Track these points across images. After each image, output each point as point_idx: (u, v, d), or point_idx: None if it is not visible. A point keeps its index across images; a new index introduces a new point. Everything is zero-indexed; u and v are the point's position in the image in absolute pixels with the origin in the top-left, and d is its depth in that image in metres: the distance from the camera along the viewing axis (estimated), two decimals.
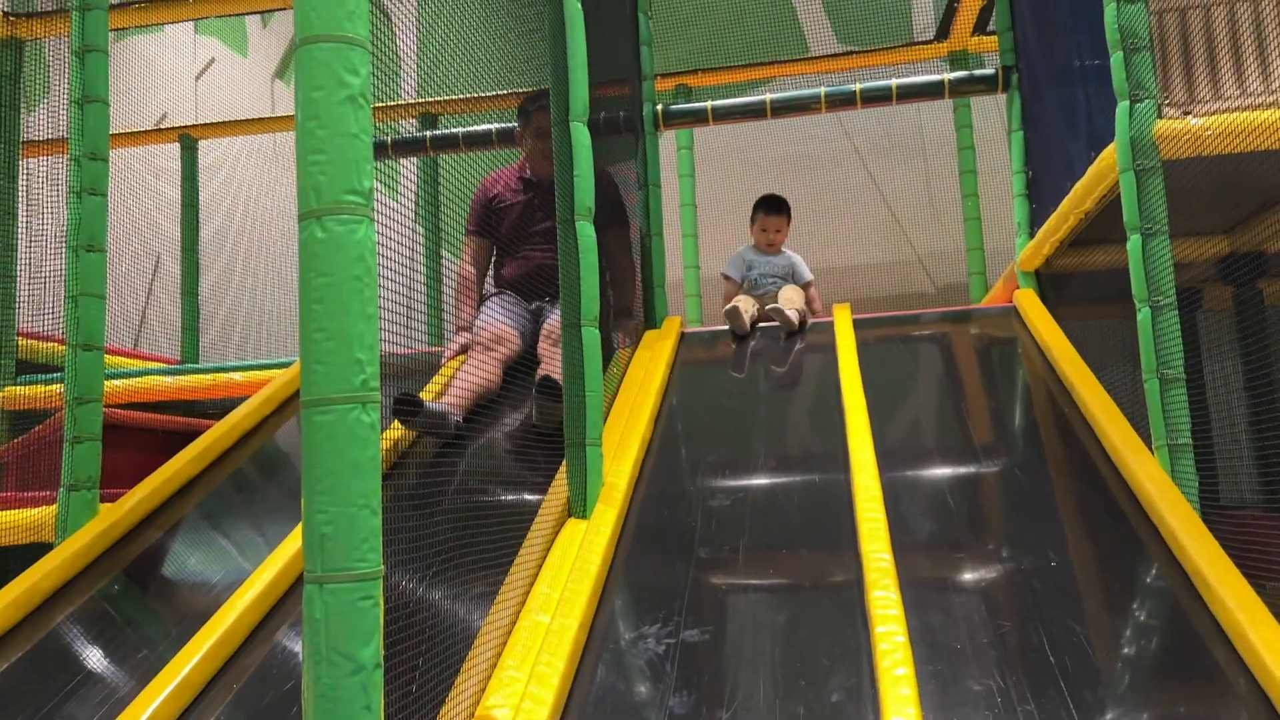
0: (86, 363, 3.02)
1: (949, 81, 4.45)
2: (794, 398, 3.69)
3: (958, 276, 5.74)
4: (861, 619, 2.20)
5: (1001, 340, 3.88)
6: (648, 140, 4.44)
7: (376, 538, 1.32)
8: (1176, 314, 2.62)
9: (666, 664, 2.14)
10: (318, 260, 1.35)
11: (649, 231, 4.37)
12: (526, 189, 3.76)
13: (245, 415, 3.66)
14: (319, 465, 1.32)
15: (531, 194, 3.73)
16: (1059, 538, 2.56)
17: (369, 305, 1.38)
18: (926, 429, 3.29)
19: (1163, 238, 2.64)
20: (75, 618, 2.69)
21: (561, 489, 2.69)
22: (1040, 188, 4.06)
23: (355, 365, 1.35)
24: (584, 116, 2.76)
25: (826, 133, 6.32)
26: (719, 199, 5.87)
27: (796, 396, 3.70)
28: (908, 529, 2.60)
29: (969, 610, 2.28)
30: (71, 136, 3.05)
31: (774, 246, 4.54)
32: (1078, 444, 2.98)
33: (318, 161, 1.36)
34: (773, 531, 2.70)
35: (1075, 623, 2.17)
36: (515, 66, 3.05)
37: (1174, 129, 2.64)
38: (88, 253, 3.01)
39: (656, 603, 2.37)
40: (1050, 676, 1.99)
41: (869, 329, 3.96)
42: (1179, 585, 2.27)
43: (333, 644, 1.26)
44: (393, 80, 1.87)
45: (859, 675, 2.03)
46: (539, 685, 1.95)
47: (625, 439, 3.10)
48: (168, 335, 6.09)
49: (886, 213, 6.33)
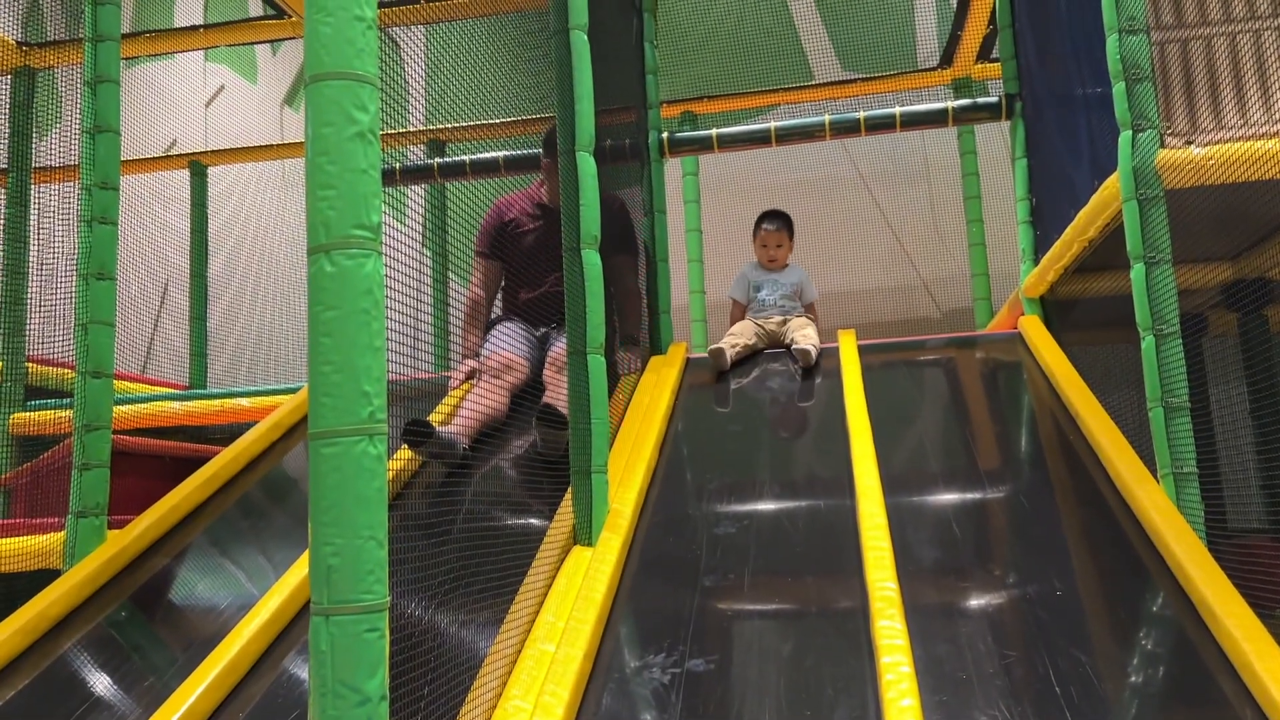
0: (95, 390, 3.04)
1: (953, 109, 4.48)
2: (799, 424, 3.70)
3: (963, 302, 5.75)
4: (867, 648, 2.20)
5: (1006, 366, 3.89)
6: (653, 167, 4.47)
7: (382, 569, 1.33)
8: (1180, 342, 2.62)
9: (672, 694, 2.13)
10: (326, 294, 1.37)
11: (654, 257, 4.39)
12: (543, 215, 3.74)
13: (253, 441, 3.68)
14: (325, 497, 1.33)
15: (546, 220, 3.70)
16: (1064, 566, 2.56)
17: (376, 338, 1.39)
18: (931, 455, 3.29)
19: (1166, 266, 2.65)
20: (82, 644, 2.69)
21: (567, 516, 2.70)
22: (1044, 214, 4.07)
23: (362, 398, 1.36)
24: (590, 146, 2.79)
25: (831, 158, 6.36)
26: (724, 224, 5.89)
27: (802, 422, 3.71)
28: (913, 557, 2.60)
29: (974, 639, 2.28)
30: (83, 165, 3.08)
31: (776, 262, 4.44)
32: (1083, 471, 2.98)
33: (327, 197, 1.38)
34: (778, 559, 2.70)
35: (1081, 652, 2.16)
36: (522, 96, 3.08)
37: (1177, 159, 2.66)
38: (98, 280, 3.04)
39: (662, 631, 2.37)
40: (1056, 707, 1.98)
41: (874, 354, 3.96)
42: (1185, 615, 2.27)
43: (338, 676, 1.27)
44: (401, 107, 1.90)
45: (864, 706, 2.03)
46: (544, 715, 1.95)
47: (630, 466, 3.11)
48: (175, 360, 6.12)
49: (891, 238, 6.35)
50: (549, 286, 3.63)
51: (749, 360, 4.11)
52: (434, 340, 4.81)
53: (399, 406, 2.87)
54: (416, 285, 1.97)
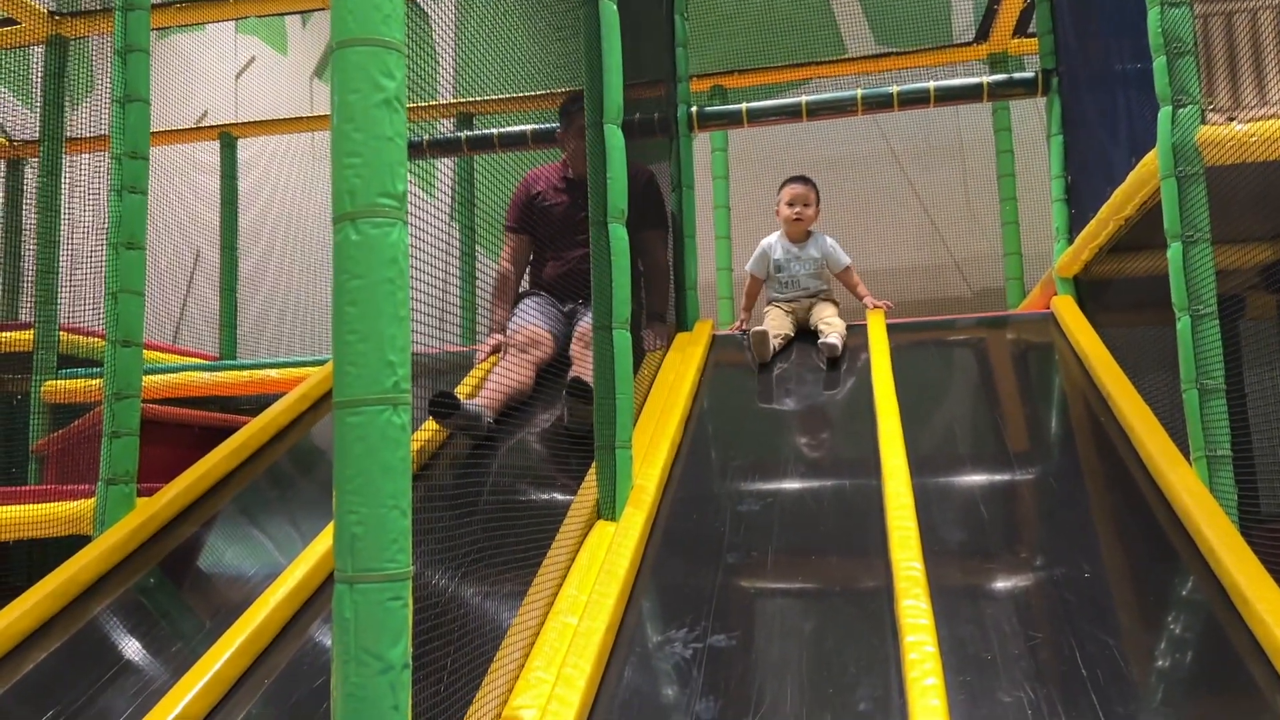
0: (125, 358, 3.06)
1: (988, 84, 4.40)
2: (825, 402, 3.67)
3: (994, 281, 5.68)
4: (891, 628, 2.18)
5: (1038, 347, 3.84)
6: (682, 142, 4.43)
7: (406, 539, 1.33)
8: (1217, 323, 2.57)
9: (693, 669, 2.13)
10: (352, 263, 1.36)
11: (682, 233, 4.37)
12: (569, 189, 3.73)
13: (281, 412, 3.70)
14: (350, 466, 1.33)
15: (573, 194, 3.69)
16: (1093, 549, 2.53)
17: (401, 308, 1.39)
18: (960, 436, 3.26)
19: (1204, 245, 2.60)
20: (112, 610, 2.73)
21: (591, 491, 2.70)
22: (1080, 193, 4.01)
23: (387, 367, 1.36)
24: (618, 119, 2.76)
25: (863, 134, 6.28)
26: (753, 201, 5.85)
27: (828, 401, 3.68)
28: (939, 537, 2.58)
29: (1000, 621, 2.26)
30: (113, 135, 3.09)
31: (801, 222, 4.17)
32: (1114, 454, 2.94)
33: (353, 165, 1.37)
34: (801, 537, 2.69)
35: (1108, 635, 2.14)
36: (550, 68, 3.06)
37: (1218, 135, 2.60)
38: (128, 250, 3.06)
39: (684, 607, 2.37)
40: (1082, 689, 1.96)
41: (903, 334, 3.92)
42: (1215, 599, 2.24)
43: (362, 643, 1.27)
44: (429, 80, 1.88)
45: (887, 685, 2.02)
46: (566, 687, 1.95)
47: (655, 442, 3.10)
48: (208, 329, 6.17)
49: (923, 216, 6.28)
50: (576, 262, 3.60)
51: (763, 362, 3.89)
52: (461, 314, 4.82)
53: (426, 380, 2.88)
54: (444, 258, 1.98)
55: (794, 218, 4.17)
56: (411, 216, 1.47)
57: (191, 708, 2.11)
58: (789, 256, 4.21)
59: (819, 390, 3.74)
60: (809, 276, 4.17)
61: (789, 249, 4.22)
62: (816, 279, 4.19)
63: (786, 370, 3.85)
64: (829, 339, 3.75)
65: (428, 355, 2.18)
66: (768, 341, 3.78)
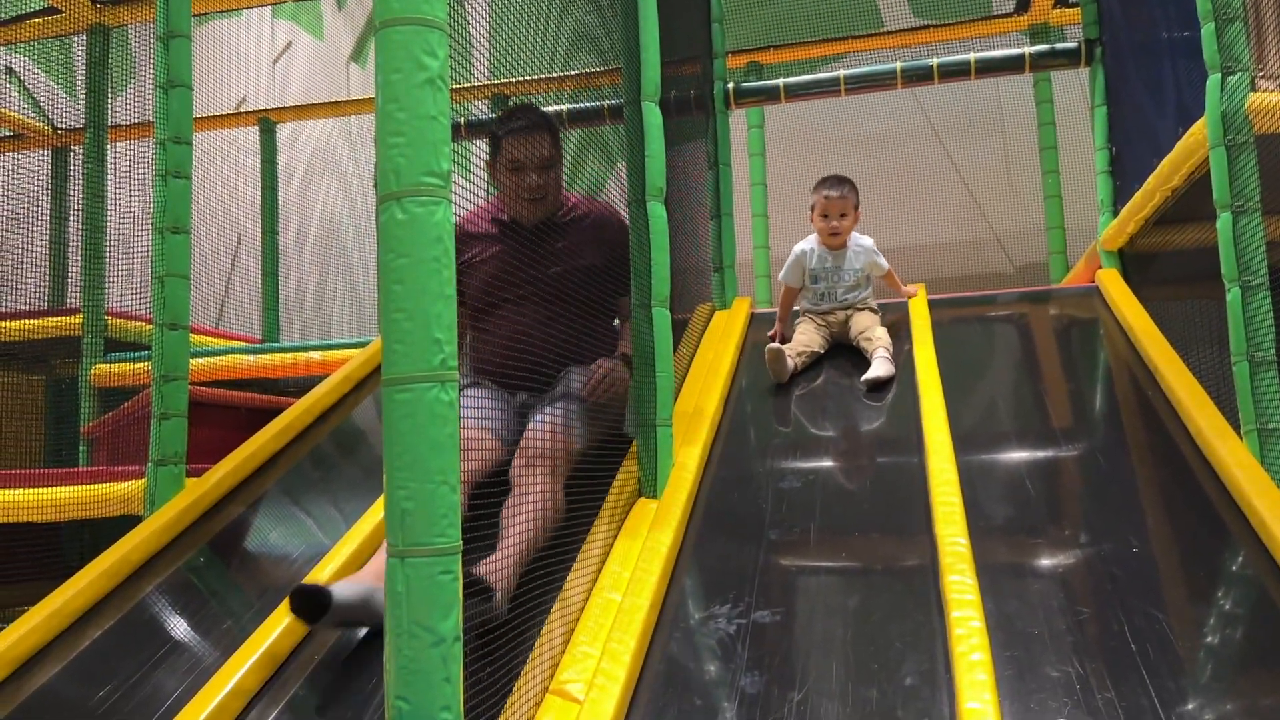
0: (172, 341, 3.11)
1: (1030, 55, 4.33)
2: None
3: (1037, 256, 5.62)
4: (936, 603, 2.18)
5: (1083, 321, 3.79)
6: (719, 119, 4.41)
7: (455, 514, 1.34)
8: (1268, 295, 2.53)
9: (737, 644, 2.14)
10: (397, 241, 1.37)
11: (719, 211, 4.35)
12: (504, 235, 2.82)
13: (325, 394, 3.74)
14: (399, 442, 1.34)
15: (510, 243, 2.81)
16: (1140, 524, 2.50)
17: (447, 286, 1.40)
18: (1004, 412, 3.23)
19: (1255, 215, 2.55)
20: (162, 588, 2.78)
21: (632, 470, 2.71)
22: (1124, 164, 3.94)
23: (434, 345, 1.37)
24: (655, 96, 2.75)
25: (902, 109, 6.21)
26: (790, 179, 5.81)
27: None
28: (984, 514, 2.56)
29: (1047, 596, 2.24)
30: (156, 120, 3.13)
31: (839, 236, 3.73)
32: (1161, 428, 2.90)
33: (397, 144, 1.38)
34: (844, 514, 2.68)
35: (1157, 610, 2.12)
36: (586, 46, 3.05)
37: (1268, 103, 2.55)
38: (173, 234, 3.10)
39: (727, 583, 2.37)
40: (1131, 664, 1.95)
41: (945, 309, 3.89)
42: (1267, 573, 2.20)
43: (414, 616, 1.29)
44: (466, 62, 1.89)
45: (933, 660, 2.01)
46: (611, 662, 1.97)
47: (695, 420, 3.10)
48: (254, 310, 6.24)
49: (964, 191, 6.20)
50: (521, 331, 2.65)
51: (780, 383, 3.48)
52: None
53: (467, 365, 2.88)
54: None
55: (830, 232, 3.74)
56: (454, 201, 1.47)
57: (243, 683, 2.15)
58: (826, 267, 3.76)
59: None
60: (848, 290, 3.74)
61: (826, 258, 3.77)
62: (855, 290, 3.76)
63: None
64: (876, 371, 3.33)
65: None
66: (783, 360, 3.39)
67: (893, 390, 3.37)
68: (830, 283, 3.75)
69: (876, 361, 3.36)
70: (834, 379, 3.58)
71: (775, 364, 3.38)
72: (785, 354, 3.39)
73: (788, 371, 3.39)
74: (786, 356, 3.40)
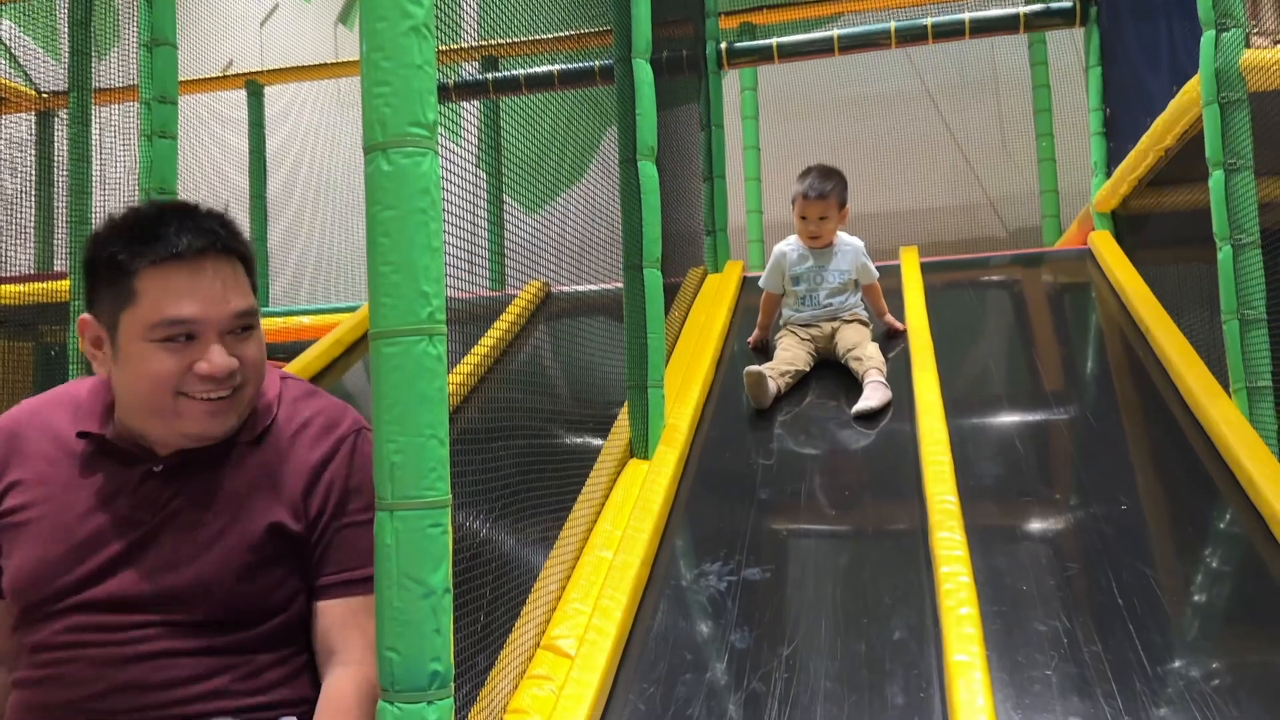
0: None
1: (1025, 15, 4.30)
2: None
3: (1030, 220, 5.60)
4: (925, 560, 2.19)
5: (1075, 284, 3.79)
6: (711, 80, 4.38)
7: (444, 467, 1.34)
8: (1259, 253, 2.53)
9: (728, 601, 2.15)
10: (384, 193, 1.36)
11: (711, 174, 4.33)
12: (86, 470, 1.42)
13: (315, 357, 3.74)
14: (388, 396, 1.33)
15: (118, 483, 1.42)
16: (1130, 483, 2.51)
17: (435, 239, 1.38)
18: (995, 374, 3.24)
19: (1247, 173, 2.54)
20: None
21: (623, 430, 2.71)
22: (1118, 125, 3.92)
23: (421, 298, 1.35)
24: (646, 53, 2.73)
25: (896, 71, 6.16)
26: (784, 143, 5.77)
27: None
28: (974, 473, 2.57)
29: (1035, 553, 2.26)
30: (141, 80, 3.09)
31: (819, 240, 3.33)
32: (1152, 389, 2.91)
33: (382, 94, 1.36)
34: (835, 474, 2.69)
35: (1145, 566, 2.13)
36: (578, 5, 3.01)
37: (1263, 59, 2.53)
38: (160, 195, 3.06)
39: (718, 542, 2.39)
40: (1118, 619, 1.96)
41: (937, 272, 3.88)
42: (1255, 531, 2.22)
43: (403, 569, 1.28)
44: (453, 22, 1.86)
45: (921, 615, 2.03)
46: (602, 618, 1.98)
47: (687, 382, 3.10)
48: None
49: (957, 154, 6.18)
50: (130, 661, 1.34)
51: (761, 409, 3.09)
52: (490, 259, 4.82)
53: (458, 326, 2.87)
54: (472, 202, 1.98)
55: (810, 236, 3.34)
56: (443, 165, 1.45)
57: None
58: (808, 268, 3.35)
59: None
60: (832, 294, 3.32)
61: (807, 256, 3.36)
62: (841, 294, 3.33)
63: None
64: (869, 401, 2.92)
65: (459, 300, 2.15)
66: (764, 385, 2.97)
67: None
68: (812, 284, 3.32)
69: (869, 388, 2.96)
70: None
71: (756, 389, 2.97)
72: (766, 377, 2.98)
73: (769, 396, 2.98)
74: (768, 379, 2.98)
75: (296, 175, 6.83)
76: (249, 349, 1.42)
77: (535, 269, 3.01)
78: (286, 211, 6.63)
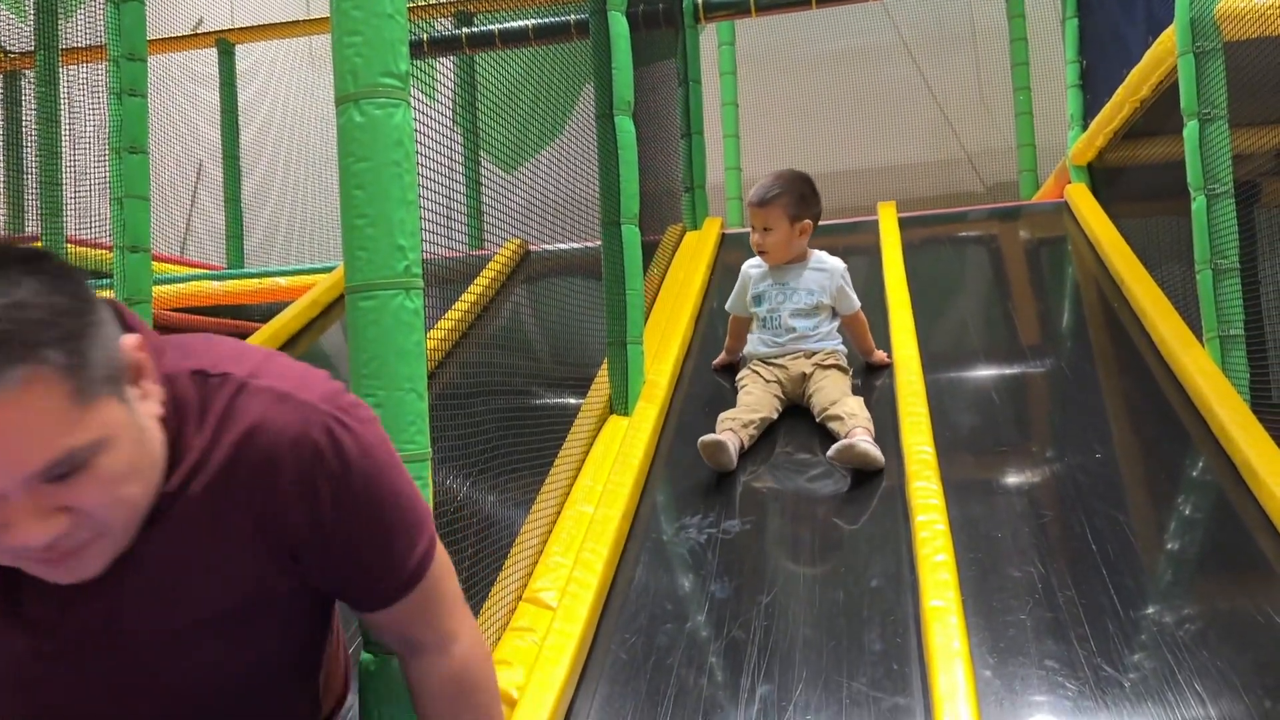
0: (134, 264, 3.05)
1: None
2: None
3: (1008, 175, 5.60)
4: (902, 510, 2.21)
5: (1051, 237, 3.81)
6: (688, 34, 4.34)
7: (423, 420, 1.34)
8: (1233, 202, 2.54)
9: (708, 553, 2.17)
10: (357, 145, 1.34)
11: (689, 130, 4.30)
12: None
13: (291, 318, 3.72)
14: (365, 350, 1.33)
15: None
16: (1104, 432, 2.54)
17: (409, 191, 1.37)
18: (972, 327, 3.26)
19: (1221, 123, 2.55)
20: None
21: (603, 387, 2.71)
22: (1095, 77, 3.92)
23: (397, 251, 1.35)
24: (622, 5, 2.70)
25: (874, 25, 6.12)
26: (762, 99, 5.74)
27: None
28: (951, 425, 2.59)
29: (1011, 502, 2.29)
30: (109, 37, 3.04)
31: (768, 255, 2.86)
32: (1127, 340, 2.93)
33: (354, 44, 1.34)
34: (813, 428, 2.71)
35: (1119, 513, 2.17)
36: None
37: (1238, 8, 2.53)
38: (130, 154, 3.03)
39: (697, 495, 2.40)
40: (1092, 564, 2.00)
41: (914, 227, 3.89)
42: (1226, 477, 2.25)
43: None
44: None
45: (899, 563, 2.05)
46: (584, 571, 1.99)
47: (666, 339, 3.11)
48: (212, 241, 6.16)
49: (935, 109, 6.16)
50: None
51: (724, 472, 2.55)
52: (468, 219, 4.78)
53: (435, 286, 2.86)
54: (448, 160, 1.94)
55: (758, 249, 2.88)
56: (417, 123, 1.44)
57: None
58: (768, 286, 2.87)
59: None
60: (798, 314, 2.81)
61: (771, 277, 2.88)
62: (811, 319, 2.81)
63: None
64: (852, 442, 2.36)
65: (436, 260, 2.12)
66: (725, 451, 2.42)
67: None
68: (773, 303, 2.83)
69: (857, 439, 2.38)
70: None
71: (715, 456, 2.43)
72: (726, 443, 2.43)
73: (733, 460, 2.44)
74: (728, 444, 2.43)
75: (268, 132, 6.75)
76: (87, 491, 0.91)
77: (513, 228, 3.01)
78: (257, 170, 6.56)
